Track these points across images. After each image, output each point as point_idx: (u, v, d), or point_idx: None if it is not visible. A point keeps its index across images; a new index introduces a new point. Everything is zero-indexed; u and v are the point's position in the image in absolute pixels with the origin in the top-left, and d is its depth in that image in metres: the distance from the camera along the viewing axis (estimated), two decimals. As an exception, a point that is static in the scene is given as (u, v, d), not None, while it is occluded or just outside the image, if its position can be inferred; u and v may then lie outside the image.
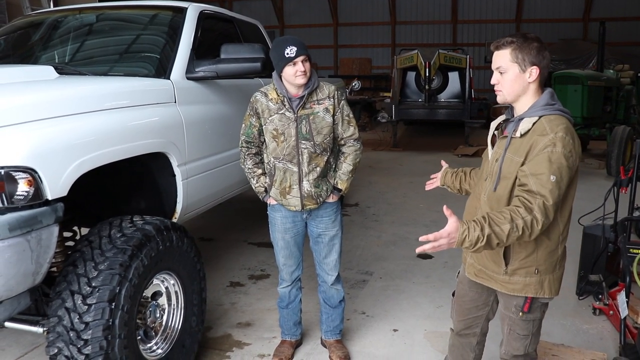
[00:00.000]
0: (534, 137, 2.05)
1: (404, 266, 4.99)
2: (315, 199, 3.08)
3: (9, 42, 4.11)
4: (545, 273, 2.22)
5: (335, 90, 3.07)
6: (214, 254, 5.32)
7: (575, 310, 4.05)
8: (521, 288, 2.23)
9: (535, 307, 2.28)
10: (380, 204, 7.43)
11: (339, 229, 3.27)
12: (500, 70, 2.17)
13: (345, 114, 3.09)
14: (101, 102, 2.78)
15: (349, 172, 3.14)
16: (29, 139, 2.26)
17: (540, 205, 1.97)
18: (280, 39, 2.96)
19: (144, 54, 3.78)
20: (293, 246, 3.26)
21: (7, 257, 2.09)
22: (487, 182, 2.28)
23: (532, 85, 2.15)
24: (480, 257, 2.32)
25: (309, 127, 2.98)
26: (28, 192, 2.19)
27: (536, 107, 2.13)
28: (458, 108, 12.19)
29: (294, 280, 3.37)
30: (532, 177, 2.01)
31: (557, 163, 1.98)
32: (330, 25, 23.86)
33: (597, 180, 8.57)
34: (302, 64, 2.87)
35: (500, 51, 2.16)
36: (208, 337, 3.65)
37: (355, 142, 3.15)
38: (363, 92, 17.50)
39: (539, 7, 21.04)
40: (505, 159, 2.17)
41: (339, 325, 3.45)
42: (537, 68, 2.12)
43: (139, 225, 2.75)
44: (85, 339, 2.39)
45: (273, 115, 2.99)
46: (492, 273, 2.29)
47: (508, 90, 2.17)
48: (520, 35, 2.15)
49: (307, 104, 2.99)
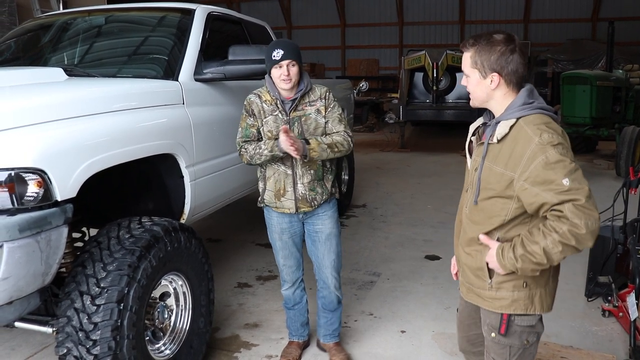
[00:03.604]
0: (518, 145, 1.85)
1: (411, 267, 4.98)
2: (309, 202, 3.05)
3: (19, 45, 4.15)
4: (536, 287, 1.99)
5: (326, 91, 3.07)
6: (222, 255, 5.33)
7: (584, 312, 4.02)
8: (509, 304, 1.99)
9: (513, 331, 2.02)
10: (387, 204, 7.42)
11: (334, 227, 3.19)
12: (465, 74, 2.01)
13: (336, 113, 3.06)
14: (110, 104, 2.80)
15: (327, 142, 2.93)
16: (38, 140, 2.27)
17: (572, 209, 1.75)
18: (274, 42, 2.99)
19: (152, 56, 3.80)
20: (292, 246, 3.23)
21: (17, 257, 2.11)
22: (468, 194, 2.11)
23: (497, 92, 1.95)
24: (466, 274, 2.14)
25: (301, 129, 2.98)
26: (38, 194, 2.21)
27: (512, 109, 1.92)
28: (466, 109, 12.13)
29: (295, 281, 3.34)
30: (544, 192, 1.79)
31: (560, 165, 1.78)
32: (338, 26, 23.89)
33: (606, 181, 8.51)
34: (287, 67, 2.86)
35: (464, 53, 2.00)
36: (216, 338, 3.66)
37: (346, 135, 3.03)
38: (370, 93, 17.50)
39: (547, 7, 20.98)
40: (483, 168, 1.98)
41: (337, 328, 3.42)
42: (498, 75, 1.92)
43: (148, 226, 2.77)
44: (94, 339, 2.40)
45: (268, 117, 3.00)
46: (478, 290, 2.08)
47: (473, 95, 2.02)
48: (485, 36, 1.94)
49: (299, 106, 3.00)
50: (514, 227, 1.96)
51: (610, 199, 3.92)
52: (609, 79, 9.93)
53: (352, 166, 7.08)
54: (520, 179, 1.84)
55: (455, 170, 9.67)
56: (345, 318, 3.94)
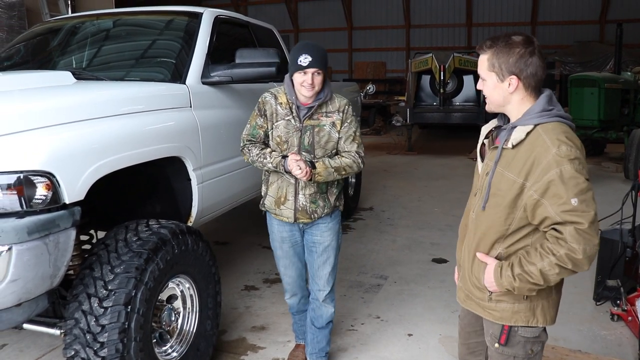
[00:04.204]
0: (534, 153, 1.80)
1: (418, 270, 4.97)
2: (309, 214, 2.93)
3: (28, 48, 4.18)
4: (538, 298, 1.94)
5: (346, 104, 2.92)
6: (229, 258, 5.34)
7: (592, 315, 4.00)
8: (510, 316, 1.95)
9: (515, 342, 1.97)
10: (395, 207, 7.41)
11: (334, 240, 3.06)
12: (481, 78, 1.94)
13: (352, 130, 2.90)
14: (118, 107, 2.81)
15: (334, 165, 2.81)
16: (47, 143, 2.29)
17: (573, 233, 1.72)
18: (303, 44, 2.81)
19: (160, 59, 3.82)
20: (293, 256, 3.13)
21: (26, 260, 2.12)
22: (476, 198, 2.05)
23: (515, 96, 1.89)
24: (466, 281, 2.08)
25: (312, 139, 2.85)
26: (46, 196, 2.22)
27: (531, 114, 1.85)
28: (473, 111, 12.12)
29: (297, 292, 3.26)
30: (551, 205, 1.76)
31: (573, 182, 1.73)
32: (345, 29, 23.92)
33: (615, 183, 8.46)
34: (312, 76, 2.73)
35: (480, 55, 1.93)
36: (223, 341, 3.66)
37: (357, 156, 2.90)
38: (377, 96, 17.49)
39: (555, 9, 20.91)
40: (495, 173, 1.91)
41: (324, 347, 3.26)
42: (517, 78, 1.85)
43: (155, 229, 2.77)
44: (101, 341, 2.42)
45: (279, 121, 2.88)
46: (478, 300, 2.04)
47: (490, 99, 1.95)
48: (503, 38, 1.87)
49: (314, 115, 2.86)
50: (517, 241, 1.91)
51: (619, 202, 3.90)
52: (617, 81, 9.88)
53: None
54: (531, 189, 1.80)
55: (462, 173, 9.65)
56: (352, 321, 3.94)
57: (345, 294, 4.43)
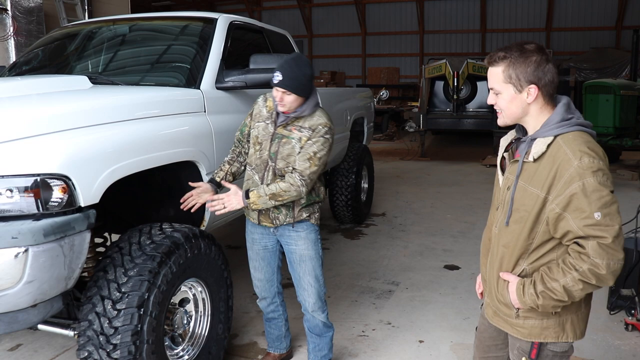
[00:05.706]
0: (555, 166, 1.75)
1: (430, 277, 4.95)
2: (271, 219, 2.96)
3: (46, 53, 4.24)
4: (567, 313, 1.88)
5: (321, 125, 2.84)
6: (241, 262, 5.34)
7: (606, 325, 3.96)
8: (539, 332, 1.91)
9: (544, 355, 1.94)
10: (407, 213, 7.40)
11: (309, 249, 3.02)
12: (494, 91, 1.89)
13: (312, 150, 2.80)
14: (133, 112, 2.84)
15: (269, 192, 2.76)
16: (63, 147, 2.32)
17: (596, 248, 1.68)
18: (285, 60, 2.81)
19: (174, 64, 3.85)
20: (261, 260, 3.16)
21: (42, 262, 2.15)
22: (499, 213, 2.00)
23: (534, 106, 1.84)
24: (492, 298, 2.03)
25: (277, 149, 2.87)
26: (62, 199, 2.25)
27: (550, 125, 1.81)
28: (486, 118, 12.07)
29: (267, 297, 3.25)
30: (573, 219, 1.71)
31: (596, 196, 1.69)
32: (359, 35, 23.96)
33: (630, 191, 8.38)
34: (282, 94, 2.75)
35: (492, 68, 1.87)
36: (234, 345, 3.68)
37: (298, 178, 2.77)
38: (391, 102, 17.49)
39: (570, 16, 20.79)
40: (517, 187, 1.86)
41: (327, 354, 3.24)
42: (536, 87, 1.81)
43: (168, 232, 2.80)
44: (114, 343, 2.44)
45: (260, 122, 2.98)
46: (505, 317, 1.99)
47: (506, 112, 1.88)
48: (516, 47, 1.82)
49: (289, 125, 2.88)
50: (542, 256, 1.87)
51: (634, 210, 3.87)
52: (633, 88, 9.81)
53: (372, 175, 7.10)
54: (553, 202, 1.76)
55: (475, 179, 9.60)
56: (363, 327, 3.94)
57: (356, 300, 4.43)
